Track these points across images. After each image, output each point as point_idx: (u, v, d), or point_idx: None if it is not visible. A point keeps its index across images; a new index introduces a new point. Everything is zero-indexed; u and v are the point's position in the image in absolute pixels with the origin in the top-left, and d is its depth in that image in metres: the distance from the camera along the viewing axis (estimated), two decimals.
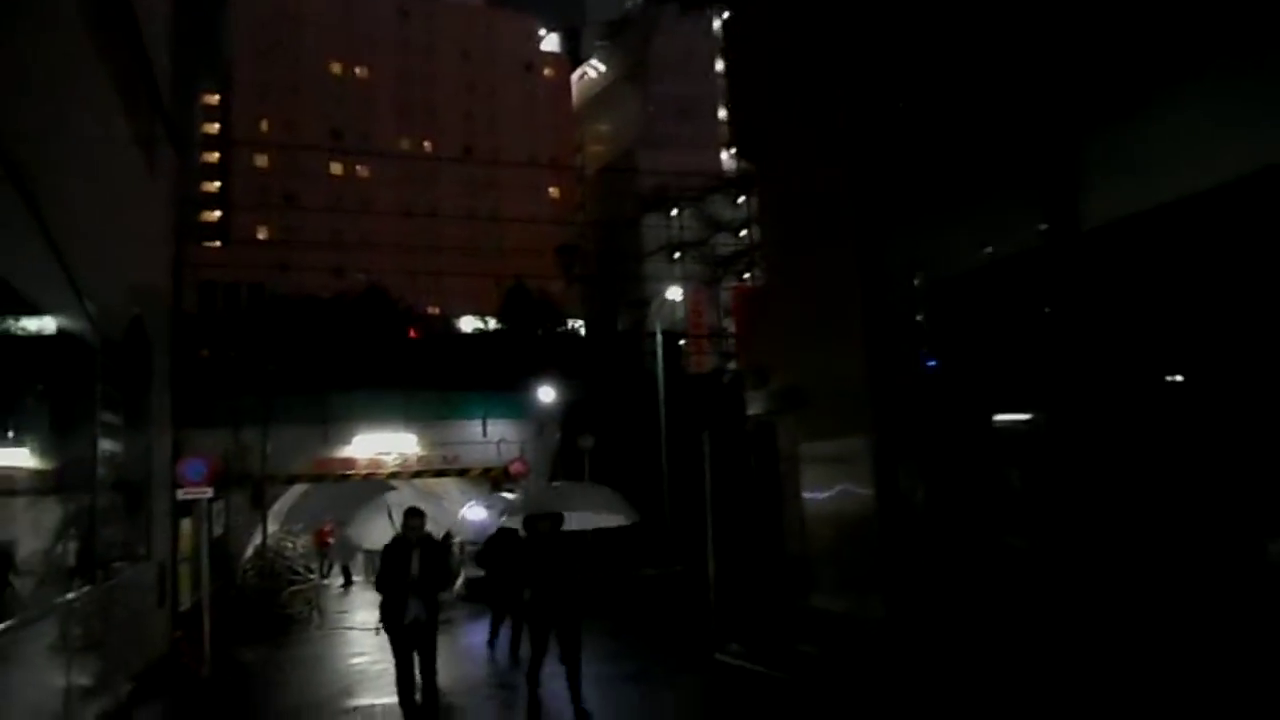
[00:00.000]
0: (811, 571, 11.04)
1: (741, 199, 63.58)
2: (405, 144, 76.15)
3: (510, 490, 21.13)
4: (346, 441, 20.42)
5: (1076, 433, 7.55)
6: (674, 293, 19.14)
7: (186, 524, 16.10)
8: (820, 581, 10.88)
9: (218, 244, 72.02)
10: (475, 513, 21.77)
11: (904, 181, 9.32)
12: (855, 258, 9.72)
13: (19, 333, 7.40)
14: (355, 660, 14.02)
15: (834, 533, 10.48)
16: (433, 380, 22.97)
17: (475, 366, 25.35)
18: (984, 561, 8.70)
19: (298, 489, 26.24)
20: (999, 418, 8.79)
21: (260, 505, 19.26)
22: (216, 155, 78.52)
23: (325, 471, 20.47)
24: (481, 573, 21.17)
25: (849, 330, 9.74)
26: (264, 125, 73.16)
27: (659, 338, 19.62)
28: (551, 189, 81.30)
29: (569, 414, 20.29)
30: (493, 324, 51.79)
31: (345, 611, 20.09)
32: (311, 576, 21.28)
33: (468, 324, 62.13)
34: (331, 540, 26.77)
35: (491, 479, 21.46)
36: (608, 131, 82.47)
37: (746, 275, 54.24)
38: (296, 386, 20.72)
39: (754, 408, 11.69)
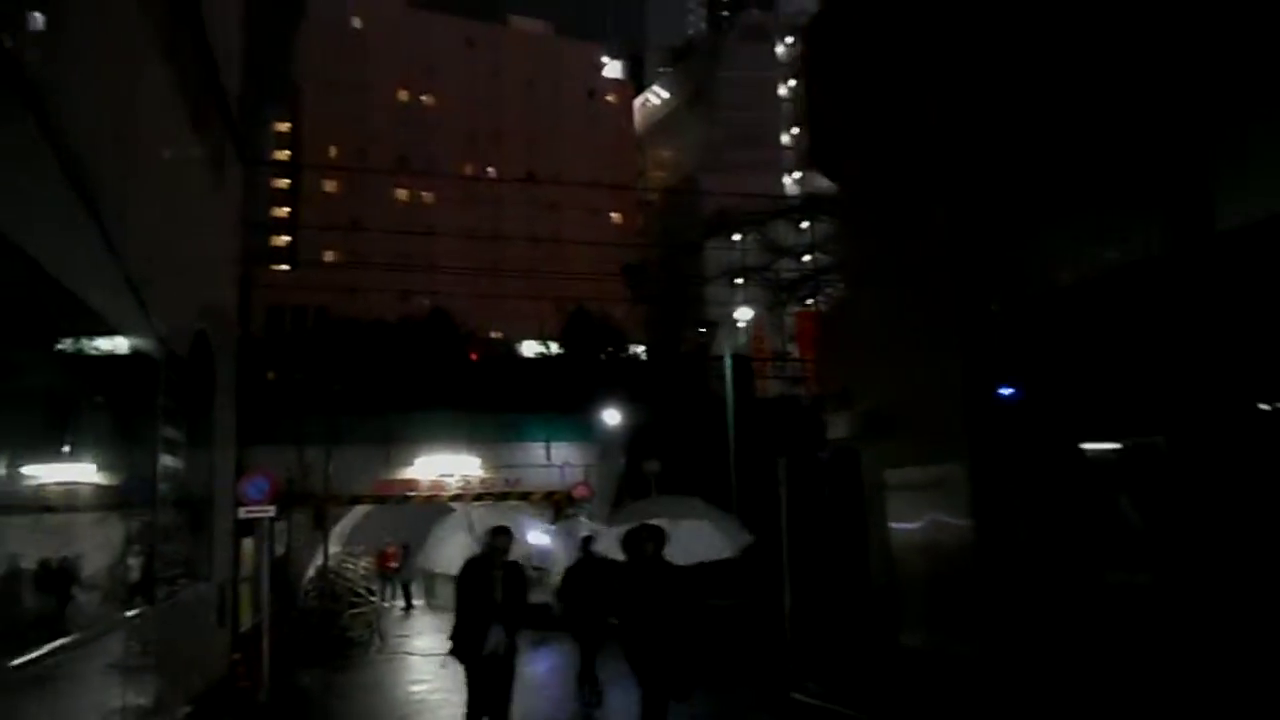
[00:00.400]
0: (897, 606, 10.34)
1: (805, 224, 62.98)
2: (469, 169, 76.89)
3: (578, 514, 20.70)
4: (409, 463, 20.20)
5: (1203, 459, 6.83)
6: (743, 313, 18.58)
7: (248, 543, 15.91)
8: (907, 617, 10.18)
9: (286, 268, 73.31)
10: (537, 538, 21.38)
11: (1003, 192, 8.69)
12: (950, 274, 9.09)
13: (91, 351, 7.21)
14: (416, 688, 13.61)
15: (923, 565, 9.79)
16: (496, 403, 22.70)
17: (538, 389, 25.08)
18: (1088, 599, 7.96)
19: (359, 510, 26.15)
20: (1106, 444, 8.07)
21: (322, 526, 19.08)
22: (286, 181, 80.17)
23: (387, 493, 20.24)
24: (545, 599, 20.78)
25: (942, 351, 9.10)
26: (332, 152, 74.50)
27: (728, 361, 19.08)
28: (614, 214, 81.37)
29: (634, 438, 19.81)
30: (554, 348, 51.67)
31: (406, 636, 19.76)
32: (373, 599, 21.03)
33: (529, 348, 62.20)
34: (394, 564, 26.54)
35: (554, 503, 21.03)
36: (670, 157, 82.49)
37: (810, 301, 53.47)
38: (361, 407, 20.59)
39: (835, 432, 11.05)
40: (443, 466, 20.36)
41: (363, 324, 43.57)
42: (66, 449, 6.83)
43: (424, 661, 16.19)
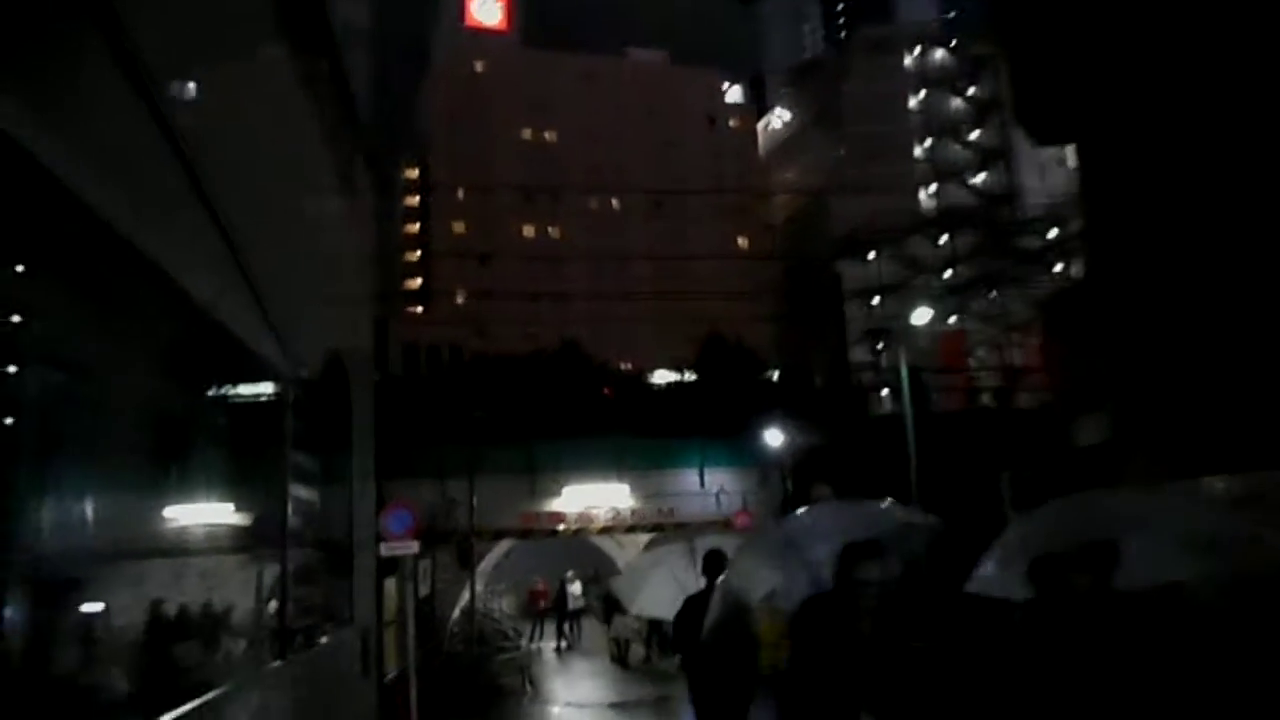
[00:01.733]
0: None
1: (944, 238, 59.82)
2: (594, 203, 76.73)
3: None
4: (555, 494, 18.86)
5: None
6: (921, 316, 16.54)
7: (391, 584, 14.72)
8: None
9: (419, 309, 74.41)
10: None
11: None
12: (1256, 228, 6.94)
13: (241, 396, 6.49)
14: None
15: (1228, 597, 7.50)
16: (643, 428, 21.21)
17: (680, 416, 23.48)
18: None
19: (502, 546, 24.96)
20: None
21: (468, 563, 17.88)
22: (417, 226, 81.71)
23: (533, 526, 18.94)
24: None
25: (1257, 326, 6.93)
26: (460, 194, 75.52)
27: (904, 372, 17.01)
28: (740, 238, 79.72)
29: (798, 461, 17.93)
30: (688, 376, 50.12)
31: (561, 683, 18.23)
32: (522, 642, 19.65)
33: (661, 377, 60.83)
34: (544, 603, 25.15)
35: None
36: (796, 178, 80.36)
37: (953, 318, 50.35)
38: (502, 436, 19.40)
39: (1087, 437, 8.91)
40: (590, 497, 18.92)
41: (494, 358, 43.12)
42: (202, 487, 6.15)
43: (584, 714, 14.61)
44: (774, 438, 18.02)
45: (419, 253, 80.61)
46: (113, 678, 4.88)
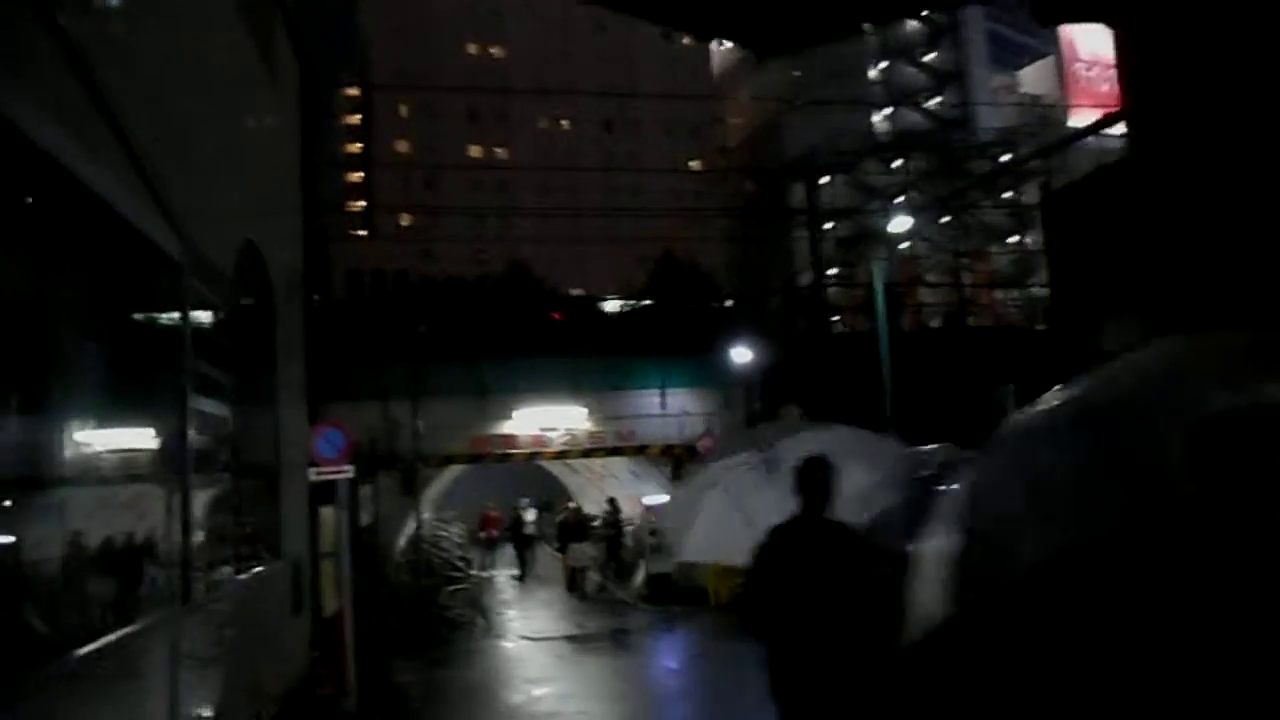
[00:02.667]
0: None
1: (898, 162, 58.90)
2: (543, 122, 74.33)
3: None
4: (507, 417, 17.65)
5: None
6: (900, 224, 15.39)
7: (328, 513, 13.49)
8: None
9: (363, 234, 71.80)
10: (657, 498, 18.70)
11: None
12: None
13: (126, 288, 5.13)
14: (538, 691, 10.97)
15: None
16: (600, 347, 20.00)
17: (637, 337, 22.29)
18: None
19: (451, 473, 23.76)
20: None
21: (413, 490, 16.68)
22: (359, 145, 78.48)
23: (484, 450, 17.74)
24: (664, 568, 18.09)
25: None
26: (403, 110, 72.50)
27: (879, 286, 15.95)
28: (693, 162, 77.89)
29: (766, 381, 16.90)
30: (643, 302, 48.85)
31: (516, 614, 17.26)
32: (474, 572, 18.61)
33: (614, 303, 59.40)
34: (496, 531, 24.17)
35: (674, 457, 18.29)
36: (750, 101, 78.34)
37: (905, 245, 49.61)
38: (449, 355, 18.06)
39: (1112, 341, 7.89)
40: (545, 420, 17.76)
41: (441, 282, 41.49)
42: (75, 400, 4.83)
43: (540, 650, 13.64)
44: (739, 356, 16.94)
45: (361, 174, 77.66)
46: None
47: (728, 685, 10.57)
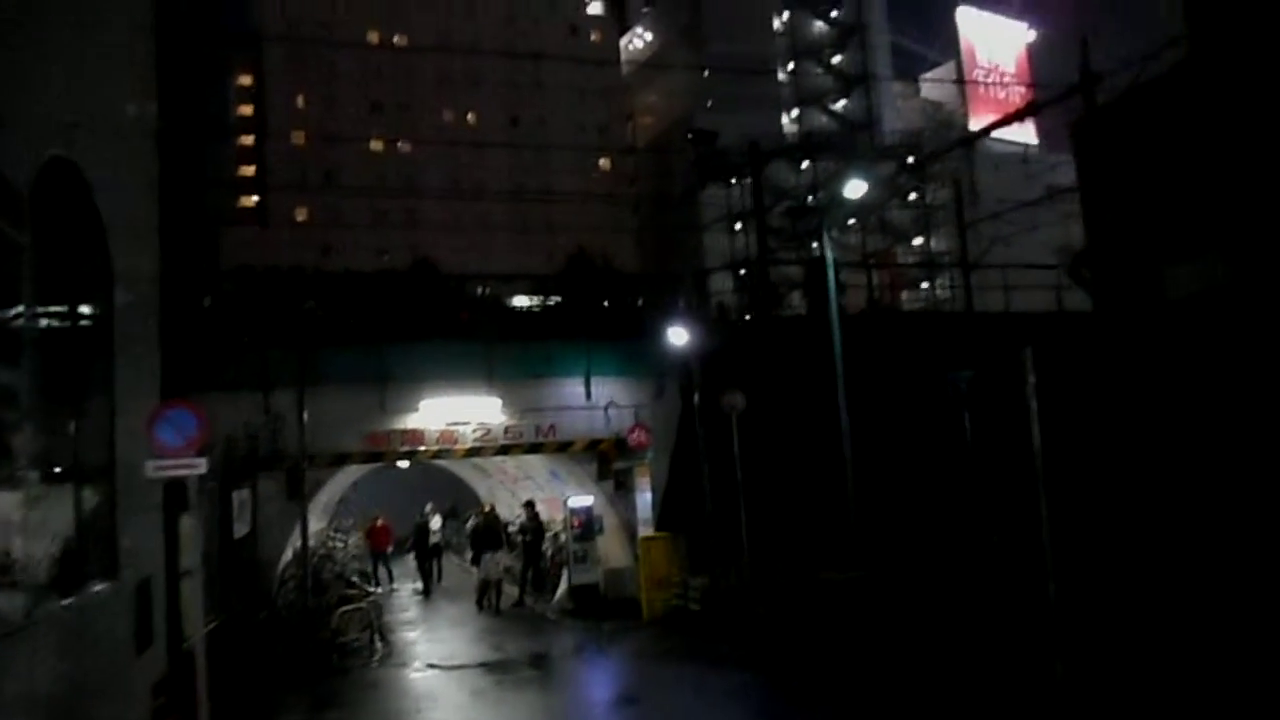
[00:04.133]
0: None
1: (805, 164, 58.43)
2: (449, 115, 71.65)
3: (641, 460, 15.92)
4: (411, 409, 15.35)
5: None
6: (854, 189, 13.76)
7: (188, 523, 11.13)
8: None
9: (256, 229, 67.80)
10: (581, 500, 16.68)
11: None
12: None
13: None
14: None
15: None
16: (517, 330, 17.86)
17: (556, 321, 20.15)
18: None
19: (348, 477, 21.21)
20: None
21: (299, 495, 14.31)
22: (251, 139, 74.34)
23: (383, 448, 15.38)
24: (590, 578, 16.08)
25: None
26: (299, 101, 68.88)
27: (830, 259, 14.28)
28: (602, 160, 76.21)
29: (706, 368, 15.06)
30: (553, 300, 46.69)
31: (421, 636, 15.01)
32: (370, 589, 16.27)
33: (524, 301, 57.12)
34: (386, 543, 21.74)
35: (601, 453, 16.28)
36: (659, 102, 77.08)
37: (815, 245, 49.14)
38: (343, 336, 15.71)
39: (1179, 288, 6.25)
40: (455, 412, 15.53)
41: (339, 275, 38.60)
42: None
43: (451, 682, 11.47)
44: (676, 338, 15.09)
45: (254, 168, 73.57)
46: None
47: None
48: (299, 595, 14.21)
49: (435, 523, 20.93)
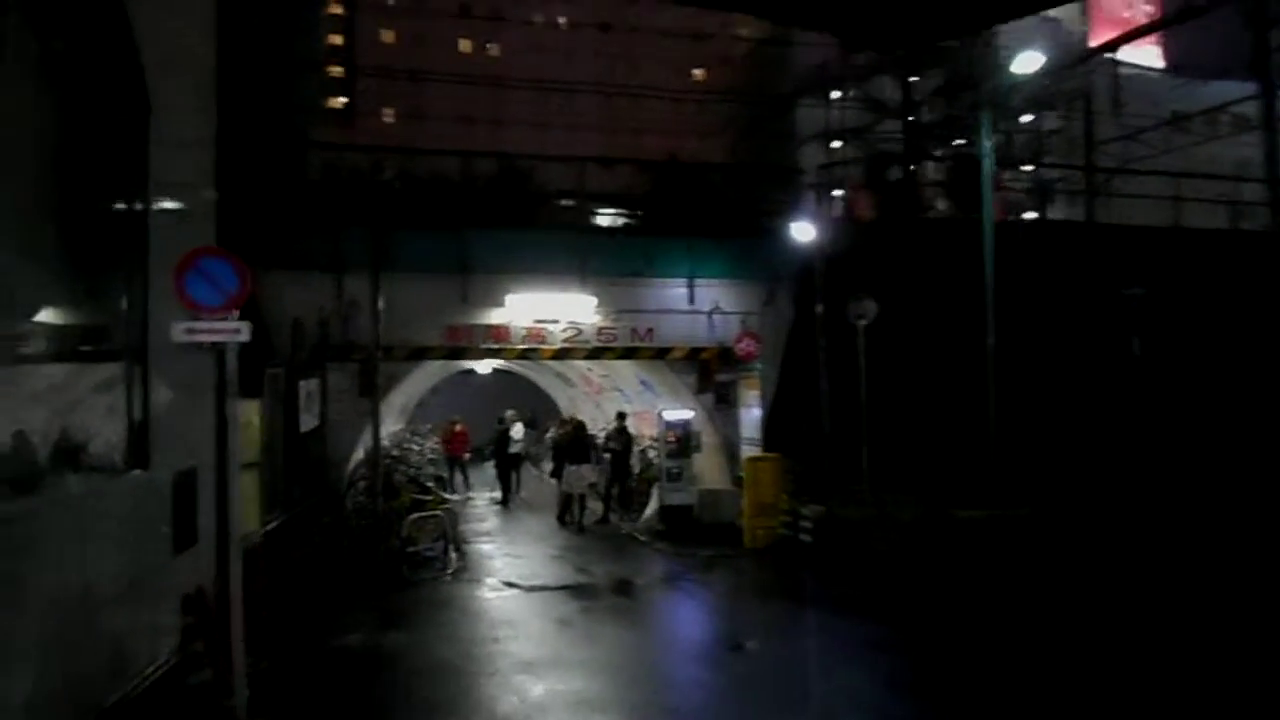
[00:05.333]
0: None
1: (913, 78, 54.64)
2: (539, 19, 69.44)
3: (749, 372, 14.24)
4: (496, 302, 13.82)
5: None
6: (1026, 63, 11.35)
7: (250, 408, 9.87)
8: None
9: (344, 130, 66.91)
10: (678, 413, 15.09)
11: None
12: None
13: None
14: (538, 688, 7.41)
15: None
16: (618, 225, 16.12)
17: (657, 217, 18.00)
18: None
19: (428, 373, 19.88)
20: None
21: (372, 389, 13.00)
22: (341, 38, 73.09)
23: (463, 343, 13.91)
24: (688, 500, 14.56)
25: None
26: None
27: (987, 147, 12.07)
28: (696, 70, 73.13)
29: (830, 272, 13.17)
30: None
31: (501, 550, 13.75)
32: (446, 496, 15.03)
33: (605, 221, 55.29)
34: (463, 450, 20.51)
35: (702, 363, 14.61)
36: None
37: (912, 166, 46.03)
38: (425, 218, 14.17)
39: None
40: (544, 308, 13.97)
41: (424, 179, 37.26)
42: None
43: (533, 605, 10.11)
44: (801, 233, 13.17)
45: (342, 68, 72.44)
46: None
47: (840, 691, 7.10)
48: (369, 498, 12.99)
49: (517, 430, 19.61)
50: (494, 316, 14.15)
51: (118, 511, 6.24)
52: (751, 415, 14.06)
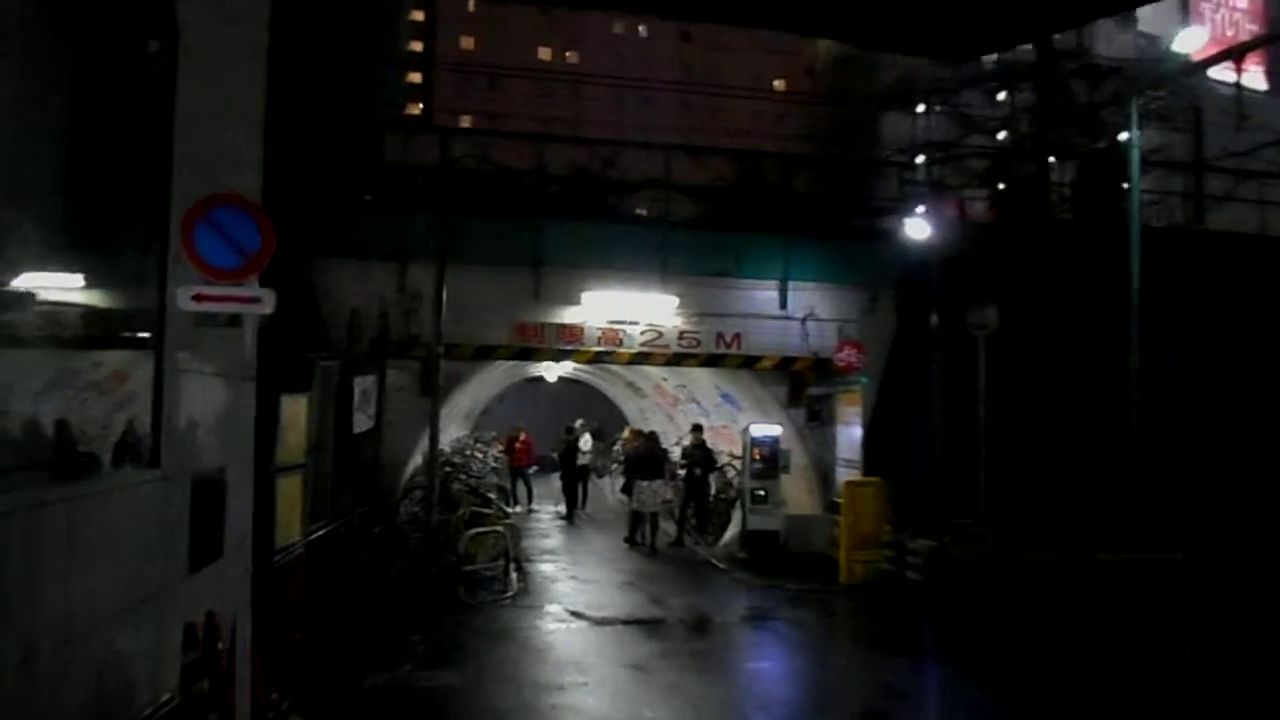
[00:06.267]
0: None
1: (1002, 95, 52.48)
2: (619, 26, 69.04)
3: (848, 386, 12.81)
4: (570, 300, 12.62)
5: None
6: (1189, 40, 9.83)
7: (295, 405, 8.84)
8: None
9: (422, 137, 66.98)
10: (766, 429, 13.71)
11: None
12: None
13: None
14: None
15: None
16: (700, 219, 14.79)
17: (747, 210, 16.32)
18: None
19: (493, 376, 18.72)
20: None
21: (433, 389, 11.89)
22: (420, 44, 73.48)
23: (534, 343, 12.70)
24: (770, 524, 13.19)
25: None
26: (470, 4, 67.64)
27: (1135, 151, 10.52)
28: (777, 81, 71.76)
29: (945, 276, 11.71)
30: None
31: (564, 571, 12.52)
32: (508, 509, 13.87)
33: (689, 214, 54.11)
34: (528, 460, 19.29)
35: (794, 374, 13.21)
36: None
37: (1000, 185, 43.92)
38: (495, 205, 13.08)
39: None
40: (621, 308, 12.72)
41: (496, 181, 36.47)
42: None
43: (603, 644, 8.81)
44: (915, 230, 11.73)
45: (420, 75, 72.76)
46: None
47: None
48: (424, 509, 11.86)
49: (585, 441, 18.43)
50: (567, 315, 12.94)
51: (113, 520, 5.12)
52: (850, 434, 12.61)
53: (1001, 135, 51.73)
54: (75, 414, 5.08)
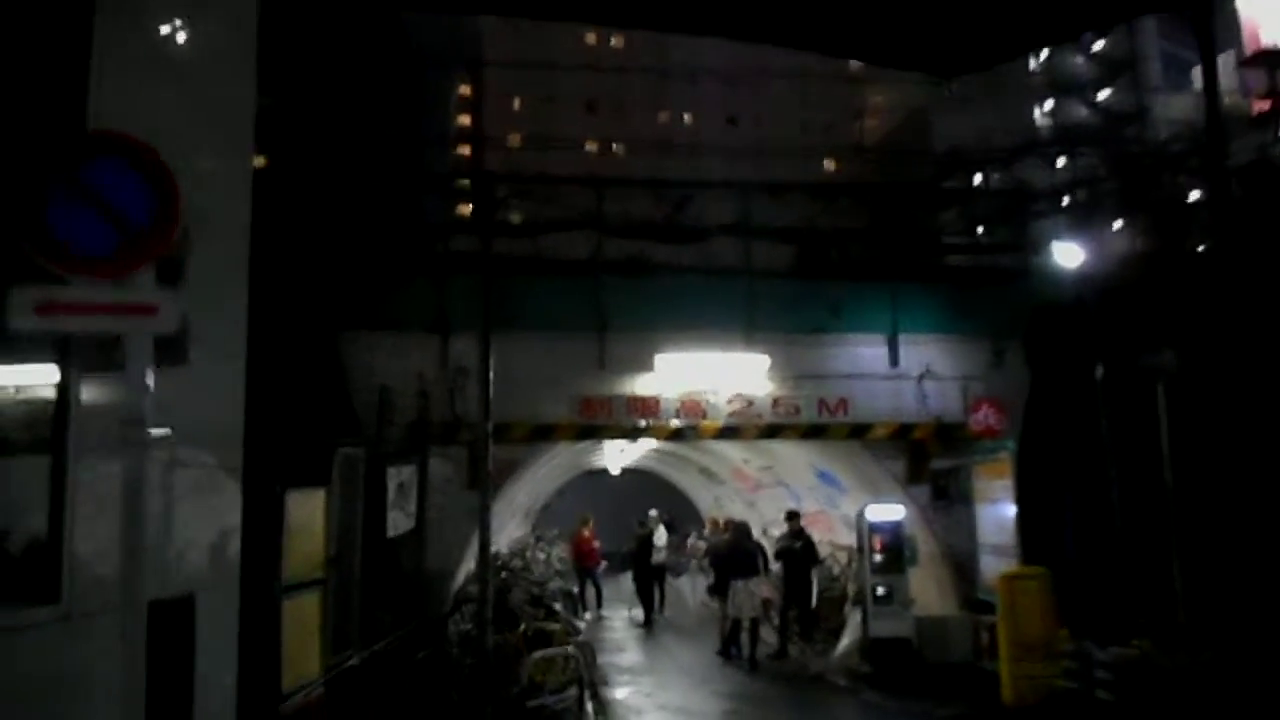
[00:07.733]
0: None
1: (1061, 161, 50.72)
2: (663, 116, 69.19)
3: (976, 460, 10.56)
4: (642, 366, 10.58)
5: None
6: None
7: (309, 501, 6.98)
8: None
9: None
10: (886, 513, 11.41)
11: None
12: None
13: None
14: None
15: None
16: (790, 266, 12.76)
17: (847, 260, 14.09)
18: None
19: (552, 464, 16.56)
20: None
21: (483, 480, 9.89)
22: (468, 149, 74.34)
23: (600, 419, 10.60)
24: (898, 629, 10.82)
25: None
26: (516, 104, 68.45)
27: None
28: (827, 160, 70.90)
29: (1100, 312, 9.55)
30: None
31: (648, 699, 10.24)
32: (577, 621, 11.66)
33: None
34: (595, 562, 17.00)
35: (914, 444, 10.98)
36: (886, 101, 70.99)
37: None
38: (550, 264, 11.28)
39: None
40: (702, 375, 10.66)
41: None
42: None
43: None
44: (1066, 256, 9.65)
45: (467, 181, 73.31)
46: None
47: None
48: (477, 627, 9.74)
49: (660, 535, 16.23)
50: (638, 385, 10.94)
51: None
52: (998, 514, 10.27)
53: (1065, 200, 49.64)
54: None
